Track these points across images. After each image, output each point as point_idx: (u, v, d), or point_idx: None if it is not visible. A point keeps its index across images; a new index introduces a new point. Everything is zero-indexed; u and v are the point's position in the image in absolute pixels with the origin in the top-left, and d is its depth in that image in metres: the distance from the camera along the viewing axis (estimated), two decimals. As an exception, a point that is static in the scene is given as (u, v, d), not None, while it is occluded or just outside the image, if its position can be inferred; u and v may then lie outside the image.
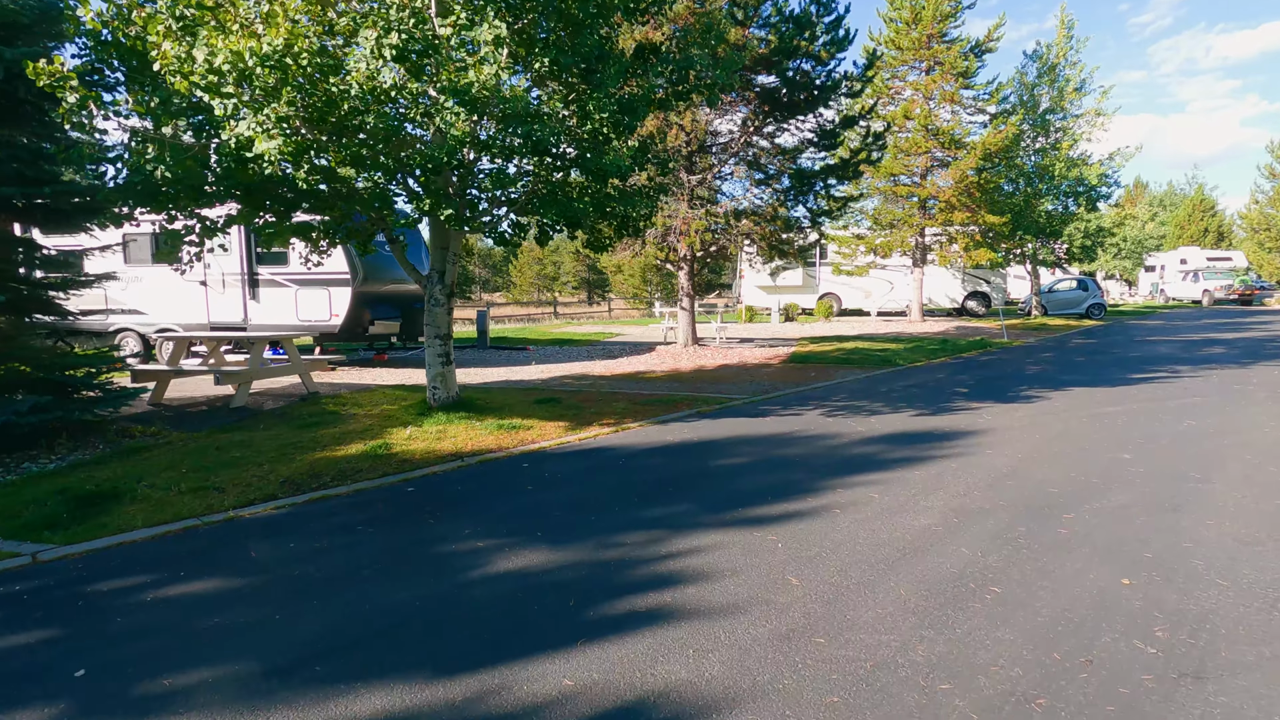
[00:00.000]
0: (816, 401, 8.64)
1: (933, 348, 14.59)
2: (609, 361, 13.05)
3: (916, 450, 6.10)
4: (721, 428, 7.13)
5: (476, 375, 11.26)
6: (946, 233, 22.14)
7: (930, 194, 20.58)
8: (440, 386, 7.72)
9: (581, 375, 11.18)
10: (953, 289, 27.04)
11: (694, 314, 14.19)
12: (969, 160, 19.51)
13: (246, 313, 11.98)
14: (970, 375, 10.92)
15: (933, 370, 11.61)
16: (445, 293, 7.63)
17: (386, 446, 6.17)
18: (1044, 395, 8.92)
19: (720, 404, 8.44)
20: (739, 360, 12.92)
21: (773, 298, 29.37)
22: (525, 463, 5.86)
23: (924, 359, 12.94)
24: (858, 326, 21.45)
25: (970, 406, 8.16)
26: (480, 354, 14.67)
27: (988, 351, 14.47)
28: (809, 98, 11.38)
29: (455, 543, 4.07)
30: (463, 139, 5.56)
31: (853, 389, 9.66)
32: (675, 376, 10.95)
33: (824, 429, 7.01)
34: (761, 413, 7.92)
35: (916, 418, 7.55)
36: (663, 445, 6.42)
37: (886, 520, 4.33)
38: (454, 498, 4.95)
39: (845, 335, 17.99)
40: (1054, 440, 6.41)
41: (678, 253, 13.05)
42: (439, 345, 7.66)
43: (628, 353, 14.40)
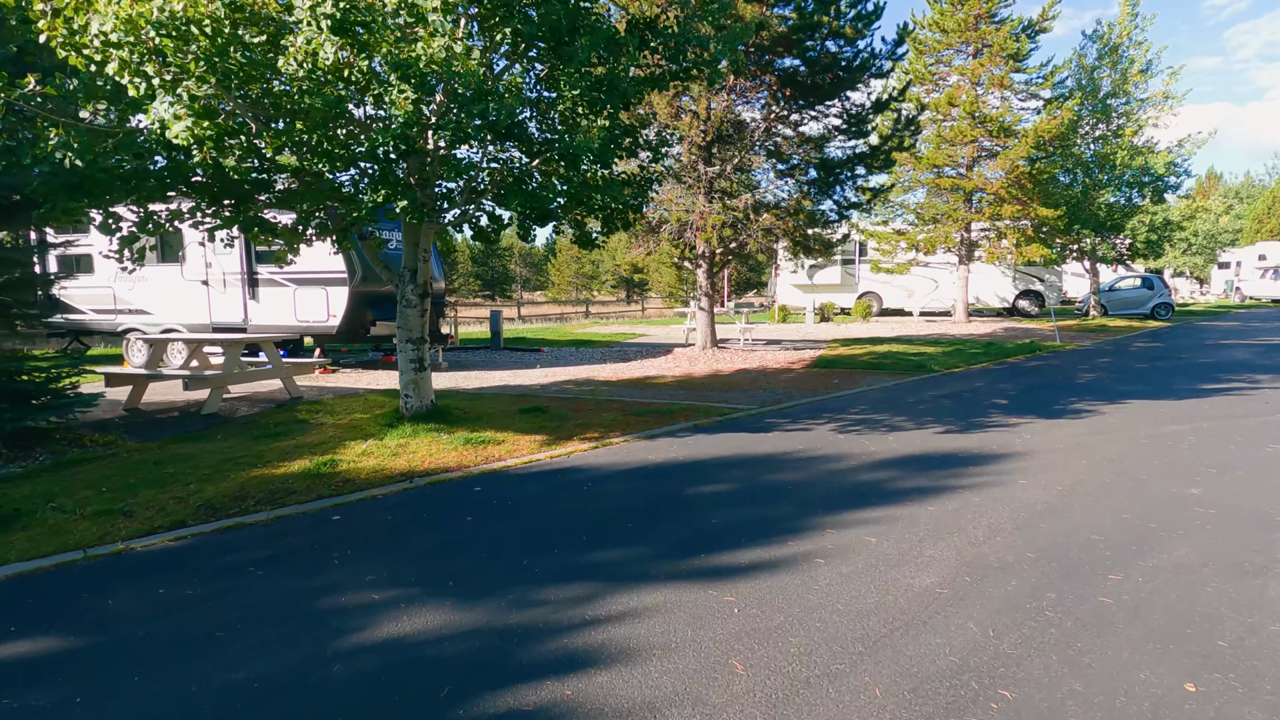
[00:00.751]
0: (831, 414, 7.75)
1: (974, 351, 13.41)
2: (620, 365, 12.34)
3: (935, 478, 5.19)
4: (715, 445, 6.33)
5: (475, 379, 10.69)
6: (995, 227, 20.70)
7: (977, 186, 19.21)
8: (413, 395, 7.13)
9: (585, 380, 10.49)
10: (1002, 288, 25.43)
11: (713, 315, 13.36)
12: (1020, 149, 18.10)
13: (247, 313, 11.69)
14: (1012, 384, 9.82)
15: (970, 378, 10.53)
16: (418, 293, 7.03)
17: (333, 464, 5.58)
18: (1096, 409, 7.83)
19: (722, 416, 7.63)
20: (759, 364, 12.05)
21: (810, 297, 28.23)
22: (479, 486, 5.19)
23: (962, 364, 11.83)
24: (897, 328, 20.22)
25: (1007, 422, 7.16)
26: (491, 356, 14.14)
27: (1036, 356, 13.22)
28: (834, 80, 10.43)
29: (348, 593, 3.41)
30: (409, 121, 4.92)
31: (876, 399, 8.71)
32: (684, 383, 10.16)
33: (831, 448, 6.14)
34: (766, 427, 7.08)
35: (942, 435, 6.60)
36: (641, 466, 5.66)
37: (879, 577, 3.49)
38: (377, 530, 4.30)
39: (881, 337, 16.86)
40: (1103, 468, 5.41)
41: (694, 250, 12.24)
42: (411, 350, 7.06)
43: (643, 355, 13.66)
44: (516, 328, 25.12)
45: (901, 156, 19.76)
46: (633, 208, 6.83)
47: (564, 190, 5.78)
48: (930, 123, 20.08)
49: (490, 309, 18.24)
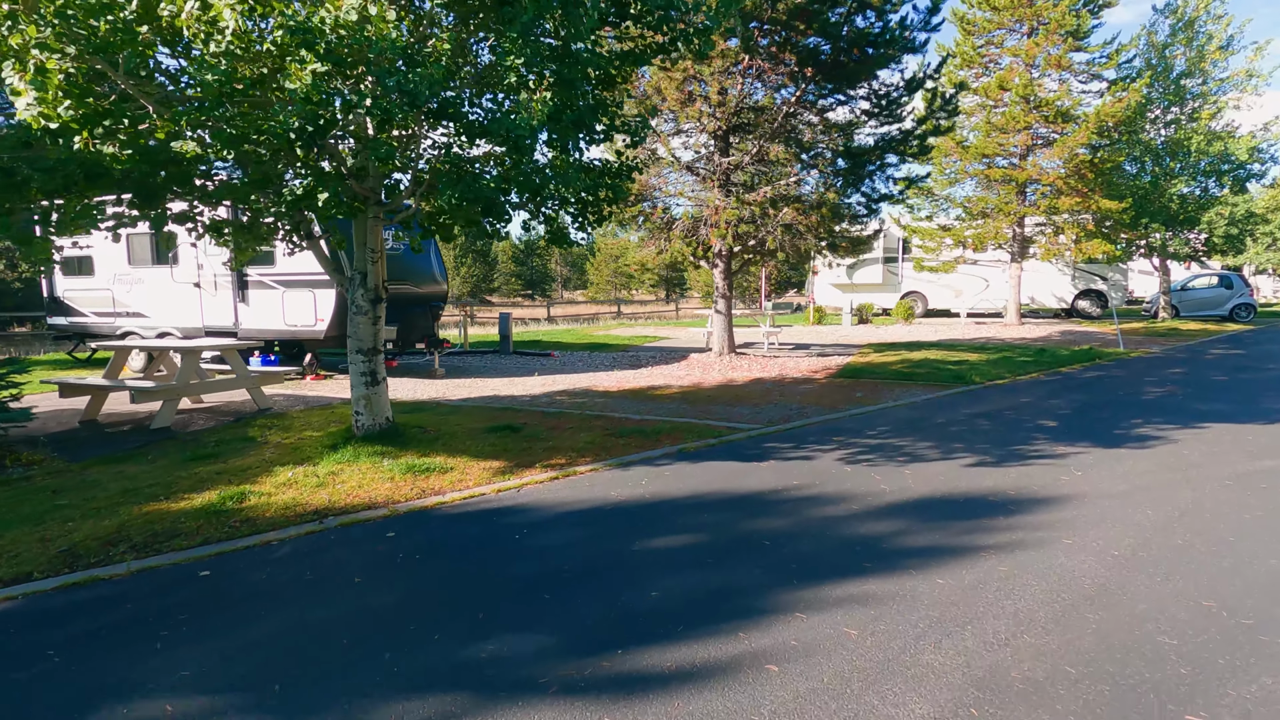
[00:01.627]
0: (845, 437, 6.69)
1: (1024, 360, 12.04)
2: (627, 372, 11.44)
3: (952, 533, 4.14)
4: (694, 478, 5.38)
5: (466, 388, 9.95)
6: (1052, 222, 19.03)
7: (1031, 177, 17.61)
8: (364, 412, 6.37)
9: (583, 390, 9.64)
10: (1060, 287, 23.57)
11: (731, 318, 12.33)
12: (1079, 135, 16.47)
13: (237, 316, 11.22)
14: (1064, 400, 8.53)
15: (1016, 391, 9.26)
16: (369, 298, 6.27)
17: (242, 497, 4.85)
18: (1165, 435, 6.56)
19: (716, 438, 6.65)
20: (777, 373, 10.98)
21: (849, 297, 26.84)
22: (395, 530, 4.36)
23: (1008, 375, 10.52)
24: (942, 330, 18.76)
25: (1053, 452, 5.98)
26: (495, 361, 13.42)
27: (1095, 366, 11.77)
28: (861, 57, 9.30)
29: (140, 699, 2.61)
30: (310, 97, 4.12)
31: (901, 419, 7.59)
32: (689, 394, 9.20)
33: (833, 486, 5.11)
34: (762, 454, 6.08)
35: (971, 469, 5.49)
36: (595, 507, 4.75)
37: (847, 703, 2.51)
38: (239, 595, 3.51)
39: (920, 342, 15.51)
40: (1175, 523, 4.26)
41: (707, 248, 11.25)
42: (362, 362, 6.30)
43: (656, 361, 12.74)
44: (543, 329, 24.48)
45: (946, 145, 18.35)
46: (607, 200, 5.92)
47: (511, 178, 4.90)
48: (979, 109, 18.55)
49: (499, 311, 17.57)
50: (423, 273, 12.14)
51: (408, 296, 11.62)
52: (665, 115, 11.31)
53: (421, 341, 11.28)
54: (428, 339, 11.29)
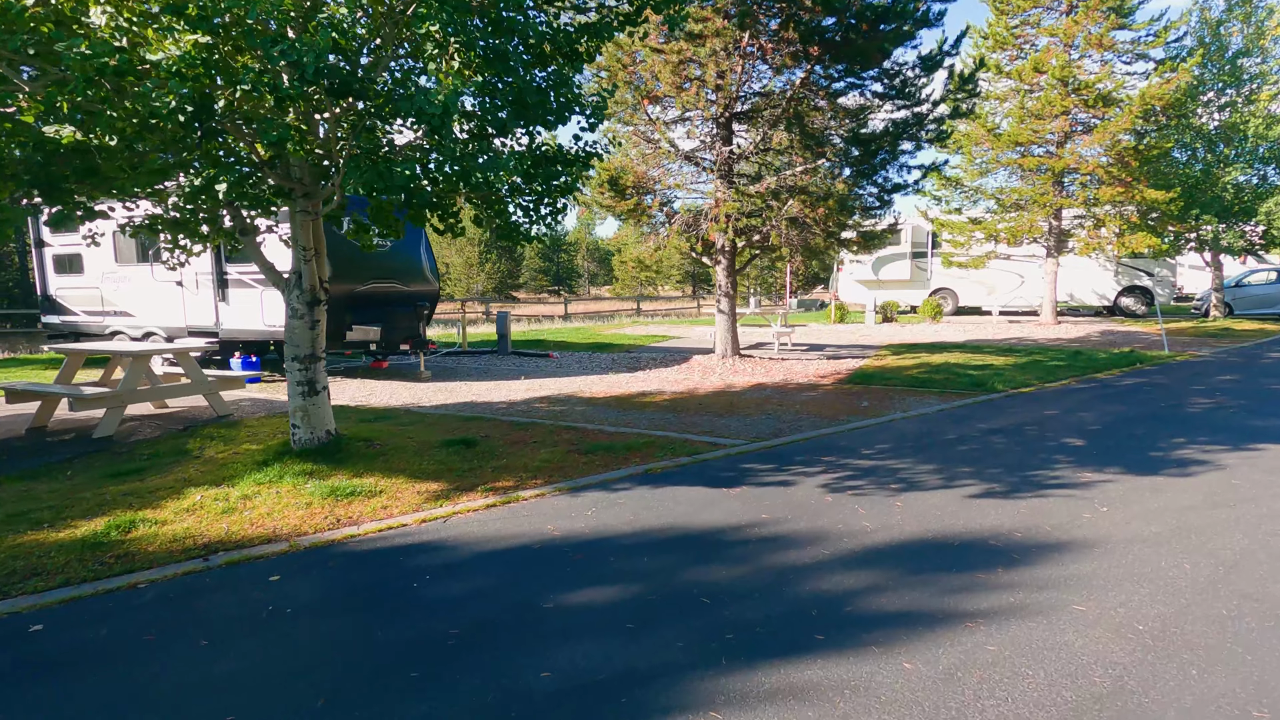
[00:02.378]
0: (838, 456, 5.92)
1: (1055, 364, 11.04)
2: (621, 376, 10.78)
3: (935, 592, 3.38)
4: (648, 509, 4.69)
5: (444, 393, 9.39)
6: (1091, 214, 17.77)
7: (1068, 166, 16.40)
8: (301, 426, 5.83)
9: (566, 396, 9.01)
10: (1102, 283, 22.16)
11: (735, 318, 11.56)
12: (1122, 120, 15.24)
13: (218, 315, 10.86)
14: (1096, 412, 7.61)
15: (1042, 401, 8.34)
16: (305, 300, 5.71)
17: (132, 525, 4.32)
18: (1212, 459, 5.66)
19: (691, 456, 5.95)
20: (781, 378, 10.21)
21: (875, 294, 25.78)
22: (281, 573, 3.77)
23: (1036, 382, 9.57)
24: (971, 330, 17.68)
25: (1076, 479, 5.14)
26: (490, 362, 12.88)
27: (1135, 371, 10.71)
28: (870, 33, 8.44)
29: None
30: (180, 72, 3.54)
31: (906, 434, 6.78)
32: (679, 402, 8.50)
33: (806, 522, 4.38)
34: (736, 477, 5.36)
35: (975, 501, 4.70)
36: (521, 545, 4.10)
37: None
38: (49, 662, 2.94)
39: (945, 343, 14.53)
40: (1223, 582, 3.44)
41: (708, 243, 10.50)
42: (299, 371, 5.75)
43: (656, 364, 12.05)
44: (557, 328, 23.95)
45: (976, 133, 17.26)
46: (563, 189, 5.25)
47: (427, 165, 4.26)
48: (1013, 94, 17.38)
49: (498, 310, 17.03)
50: (411, 271, 11.63)
51: (394, 296, 11.13)
52: (664, 102, 10.59)
53: (406, 343, 10.77)
54: (413, 340, 10.78)
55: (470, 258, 56.33)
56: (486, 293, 57.09)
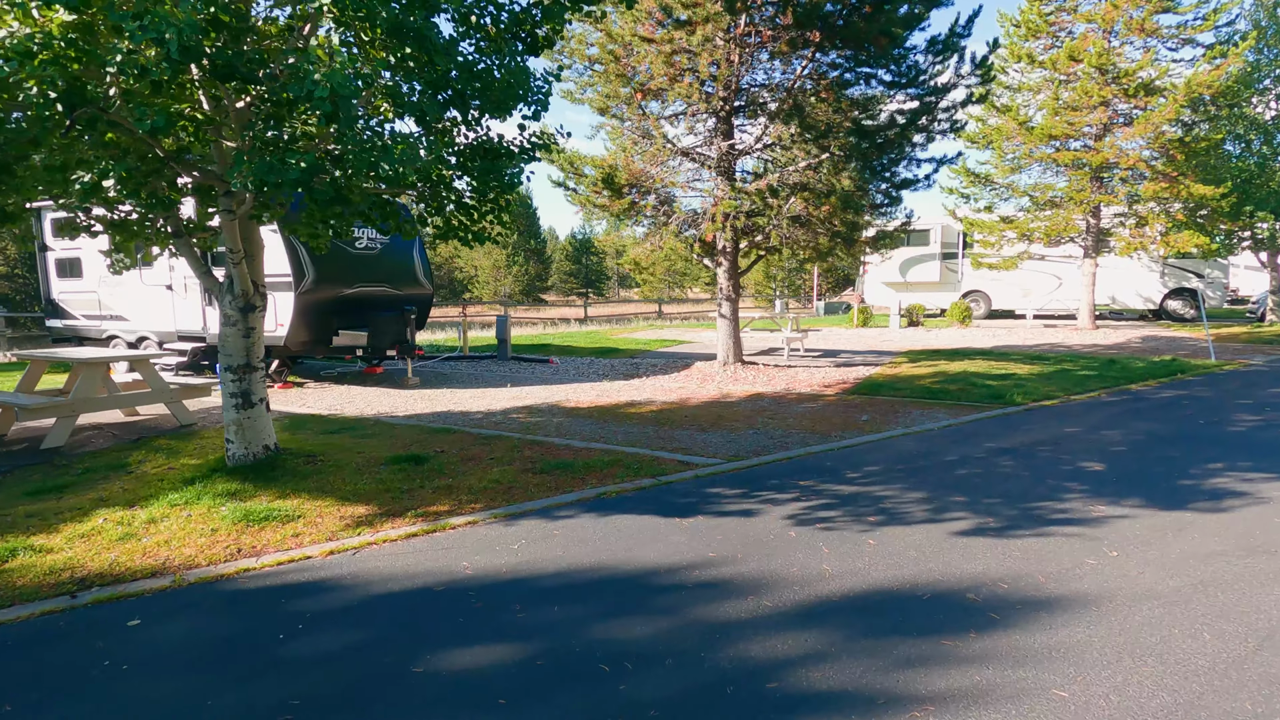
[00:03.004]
0: (816, 480, 5.31)
1: (1084, 373, 10.16)
2: (615, 384, 10.27)
3: (883, 666, 2.78)
4: (585, 542, 4.16)
5: (422, 402, 9.00)
6: (1133, 212, 16.64)
7: (1107, 160, 15.34)
8: (235, 440, 5.45)
9: (549, 406, 8.53)
10: (1147, 285, 20.88)
11: (737, 323, 10.95)
12: (1166, 110, 14.16)
13: (205, 320, 10.67)
14: (1124, 430, 6.81)
15: (1065, 416, 7.56)
16: (238, 305, 5.33)
17: (12, 554, 3.96)
18: (1252, 489, 4.89)
19: (656, 477, 5.41)
20: (783, 388, 9.57)
21: (903, 297, 24.83)
22: (143, 616, 3.34)
23: (1060, 394, 8.75)
24: (1000, 335, 16.71)
25: (1087, 514, 4.45)
26: (486, 368, 12.48)
27: (1175, 382, 9.78)
28: (873, 15, 7.75)
29: None
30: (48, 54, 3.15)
31: (902, 454, 6.12)
32: (665, 414, 7.95)
33: (755, 564, 3.80)
34: (696, 504, 4.80)
35: (962, 539, 4.06)
36: (424, 586, 3.61)
37: None
38: None
39: (968, 349, 13.66)
40: (1252, 661, 2.76)
41: (709, 244, 9.92)
42: (233, 382, 5.38)
43: (656, 370, 11.51)
44: (572, 332, 23.53)
45: (1007, 127, 16.32)
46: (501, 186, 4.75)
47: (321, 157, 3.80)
48: (1047, 84, 16.37)
49: (497, 315, 16.66)
50: (403, 274, 11.30)
51: (385, 299, 10.80)
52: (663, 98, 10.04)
53: (393, 348, 10.43)
54: (399, 346, 10.43)
55: (498, 260, 56.41)
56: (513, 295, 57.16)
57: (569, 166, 10.32)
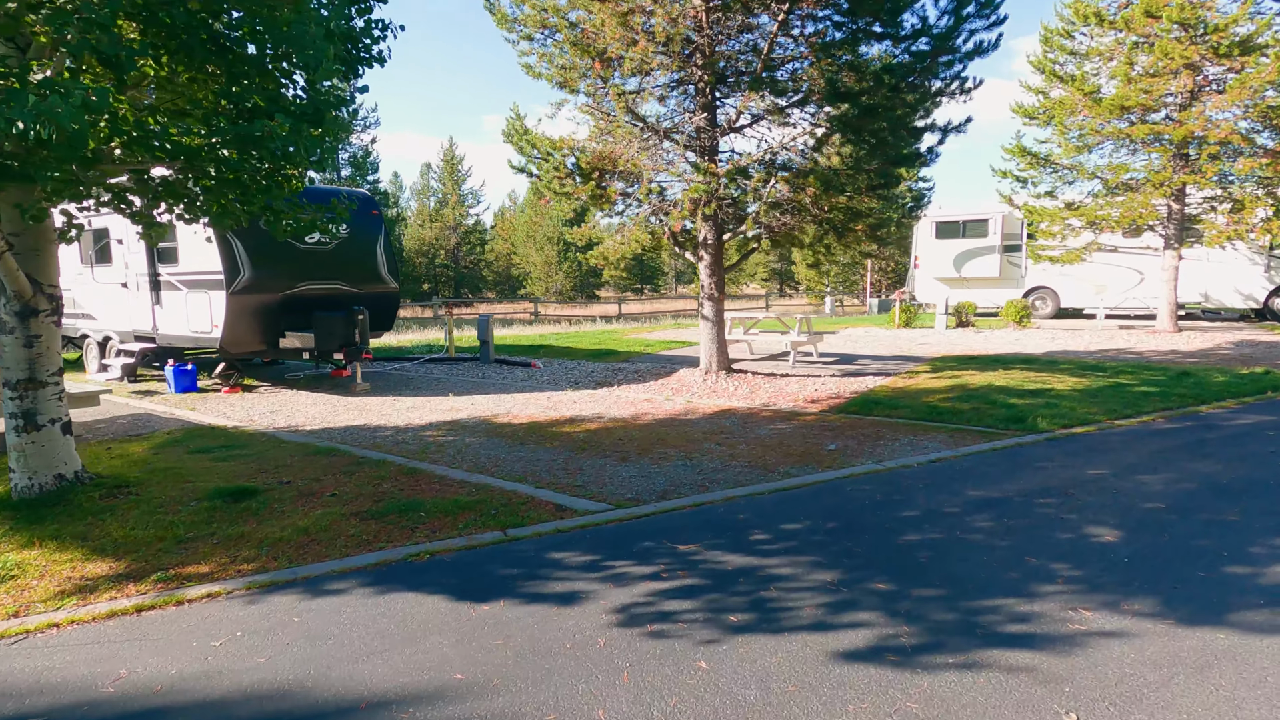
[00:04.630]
0: (705, 544, 3.99)
1: (1144, 389, 8.26)
2: (574, 394, 9.11)
3: None
4: (312, 641, 3.02)
5: (345, 413, 8.08)
6: (1227, 194, 14.14)
7: (1193, 133, 12.96)
8: (18, 469, 4.60)
9: (476, 422, 7.47)
10: (1248, 280, 18.00)
11: (721, 324, 9.57)
12: (1268, 70, 11.75)
13: (155, 321, 10.13)
14: (1169, 474, 5.11)
15: (1095, 451, 5.87)
16: (14, 310, 4.46)
17: None
18: (1343, 593, 3.26)
19: (507, 528, 4.22)
20: (762, 402, 8.17)
21: (958, 294, 22.57)
22: None
23: (1103, 417, 6.99)
24: (1062, 339, 14.57)
25: (1061, 629, 2.97)
26: (460, 372, 11.54)
27: (1264, 402, 7.77)
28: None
29: None
30: None
31: (843, 505, 4.69)
32: (595, 437, 6.74)
33: (511, 701, 2.56)
34: (518, 580, 3.58)
35: (840, 669, 2.69)
36: (16, 715, 2.57)
37: None
38: None
39: (1011, 356, 11.77)
40: None
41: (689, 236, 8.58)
42: (13, 400, 4.52)
43: (635, 378, 10.26)
44: (593, 330, 22.44)
45: (1071, 99, 14.14)
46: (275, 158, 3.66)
47: None
48: (1117, 46, 14.08)
49: (480, 314, 15.67)
50: (362, 271, 10.47)
51: (341, 298, 9.99)
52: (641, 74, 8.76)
53: (340, 351, 9.59)
54: (346, 348, 9.58)
55: (549, 256, 56.07)
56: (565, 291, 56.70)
57: (529, 148, 9.20)
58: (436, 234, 50.84)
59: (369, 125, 36.87)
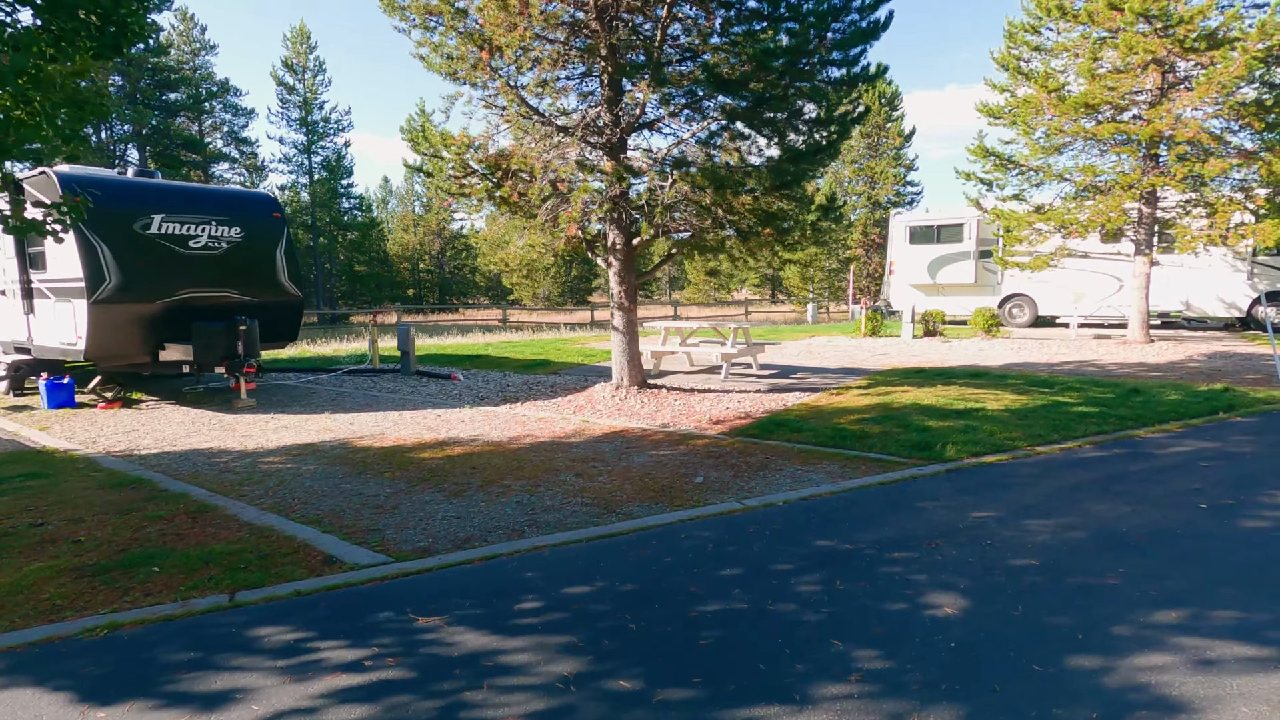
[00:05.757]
0: (470, 608, 3.27)
1: (1082, 410, 7.49)
2: (468, 411, 8.39)
3: None
4: None
5: (198, 433, 7.38)
6: (1200, 197, 13.37)
7: (1160, 132, 12.20)
8: None
9: (334, 445, 6.76)
10: (1231, 287, 17.21)
11: (634, 335, 8.85)
12: (1234, 65, 11.00)
13: (30, 330, 9.45)
14: (1063, 521, 4.34)
15: (993, 486, 5.11)
16: None
17: None
18: (1207, 701, 2.50)
19: (250, 588, 3.50)
20: (662, 423, 7.44)
21: (934, 301, 21.81)
22: None
23: (1022, 444, 6.23)
24: (1028, 350, 13.81)
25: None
26: (372, 385, 10.82)
27: (1213, 425, 6.99)
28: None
29: None
30: None
31: (674, 557, 3.95)
32: (456, 462, 6.02)
33: None
34: (167, 670, 2.85)
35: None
36: None
37: None
38: None
39: (960, 369, 11.01)
40: None
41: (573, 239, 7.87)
42: None
43: (545, 393, 9.53)
44: (525, 340, 21.66)
45: (1037, 98, 13.41)
46: None
47: None
48: (1083, 42, 13.34)
49: (401, 323, 14.92)
50: (257, 278, 9.77)
51: (232, 307, 9.29)
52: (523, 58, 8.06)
53: (220, 364, 8.89)
54: (228, 361, 8.88)
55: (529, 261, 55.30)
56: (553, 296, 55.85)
57: (425, 144, 8.51)
58: (420, 239, 50.26)
59: (342, 128, 36.28)
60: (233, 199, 10.09)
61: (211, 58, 32.11)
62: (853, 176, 41.37)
